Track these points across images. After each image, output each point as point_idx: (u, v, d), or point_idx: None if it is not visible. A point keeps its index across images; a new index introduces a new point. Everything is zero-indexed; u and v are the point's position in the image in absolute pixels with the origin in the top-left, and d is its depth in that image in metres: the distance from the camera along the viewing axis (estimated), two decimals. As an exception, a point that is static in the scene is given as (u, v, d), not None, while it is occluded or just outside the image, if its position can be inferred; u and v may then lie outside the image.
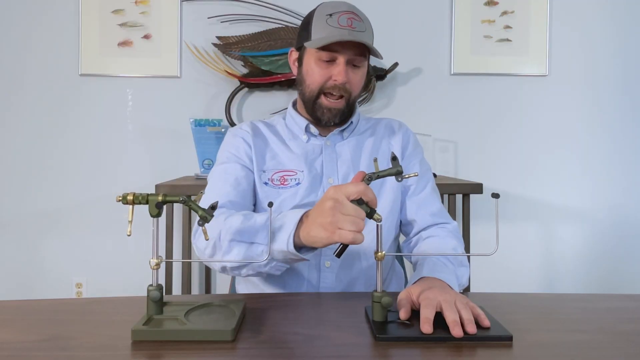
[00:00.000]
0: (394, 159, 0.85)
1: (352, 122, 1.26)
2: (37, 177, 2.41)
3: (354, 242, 0.83)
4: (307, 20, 1.19)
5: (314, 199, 1.17)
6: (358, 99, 1.28)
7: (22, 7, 2.38)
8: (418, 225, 1.22)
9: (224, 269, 1.05)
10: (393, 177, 1.13)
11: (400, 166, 0.84)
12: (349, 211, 0.83)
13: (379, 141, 1.27)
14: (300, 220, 0.92)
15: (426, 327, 0.79)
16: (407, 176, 0.85)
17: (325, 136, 1.25)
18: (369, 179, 0.84)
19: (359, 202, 0.83)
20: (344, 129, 1.25)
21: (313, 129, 1.24)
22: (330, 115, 1.19)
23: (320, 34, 1.14)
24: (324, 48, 1.13)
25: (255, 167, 1.20)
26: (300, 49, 1.21)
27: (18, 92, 2.39)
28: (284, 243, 0.91)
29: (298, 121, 1.26)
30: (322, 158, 1.22)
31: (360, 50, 1.15)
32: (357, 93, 1.22)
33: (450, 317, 0.79)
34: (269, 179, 1.19)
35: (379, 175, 0.85)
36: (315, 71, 1.17)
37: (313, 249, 0.94)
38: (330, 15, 1.14)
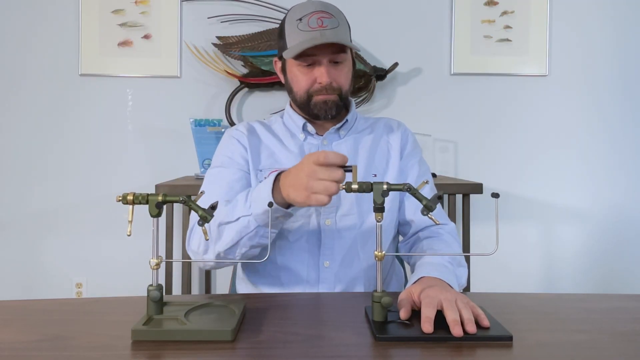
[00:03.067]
0: (439, 197, 0.84)
1: (347, 120, 1.26)
2: (37, 177, 2.41)
3: (326, 204, 0.89)
4: (281, 29, 1.21)
5: None
6: (358, 98, 1.28)
7: (22, 7, 2.38)
8: (416, 226, 1.22)
9: (218, 257, 1.06)
10: (394, 176, 1.15)
11: (435, 205, 0.84)
12: (322, 176, 0.88)
13: (377, 140, 1.27)
14: (278, 180, 0.97)
15: (427, 326, 0.79)
16: (430, 216, 0.84)
17: (322, 135, 1.25)
18: (408, 189, 0.83)
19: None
20: (340, 127, 1.25)
21: (310, 127, 1.25)
22: (326, 107, 1.19)
23: (293, 41, 1.15)
24: (300, 55, 1.14)
25: (251, 167, 1.21)
26: (282, 58, 1.22)
27: (18, 92, 2.39)
28: (264, 200, 0.96)
29: (295, 119, 1.26)
30: None
31: (338, 47, 1.15)
32: (348, 87, 1.22)
33: (451, 316, 0.79)
34: (265, 178, 1.20)
35: (415, 193, 0.84)
36: (299, 78, 1.19)
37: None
38: (300, 19, 1.15)
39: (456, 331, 0.77)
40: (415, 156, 1.28)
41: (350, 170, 0.86)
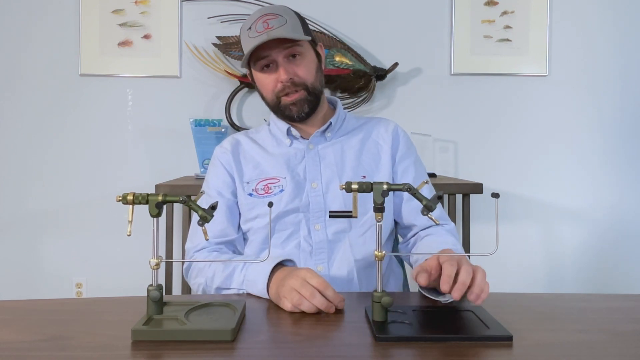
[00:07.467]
0: (439, 197, 0.85)
1: (331, 123, 1.25)
2: (37, 177, 2.41)
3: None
4: (240, 43, 1.24)
5: (297, 204, 1.18)
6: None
7: (22, 7, 2.38)
8: (416, 228, 1.23)
9: (217, 290, 1.16)
10: (388, 173, 1.18)
11: (435, 205, 0.84)
12: (313, 301, 0.89)
13: (365, 140, 1.26)
14: (273, 272, 1.00)
15: (445, 286, 0.84)
16: (430, 216, 0.85)
17: (308, 139, 1.25)
18: (408, 189, 0.83)
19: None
20: (326, 129, 1.25)
21: (294, 132, 1.25)
22: (296, 108, 1.21)
23: (247, 49, 1.17)
24: (255, 60, 1.18)
25: (237, 182, 1.23)
26: (250, 70, 1.26)
27: (18, 92, 2.39)
28: (257, 289, 1.01)
29: (280, 126, 1.27)
30: (305, 162, 1.22)
31: (289, 41, 1.16)
32: (313, 80, 1.22)
33: (455, 277, 0.85)
34: (253, 190, 1.22)
35: (415, 193, 0.84)
36: (263, 82, 1.22)
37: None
38: (249, 28, 1.17)
39: (445, 288, 0.84)
40: (410, 156, 1.27)
41: (350, 216, 0.88)
